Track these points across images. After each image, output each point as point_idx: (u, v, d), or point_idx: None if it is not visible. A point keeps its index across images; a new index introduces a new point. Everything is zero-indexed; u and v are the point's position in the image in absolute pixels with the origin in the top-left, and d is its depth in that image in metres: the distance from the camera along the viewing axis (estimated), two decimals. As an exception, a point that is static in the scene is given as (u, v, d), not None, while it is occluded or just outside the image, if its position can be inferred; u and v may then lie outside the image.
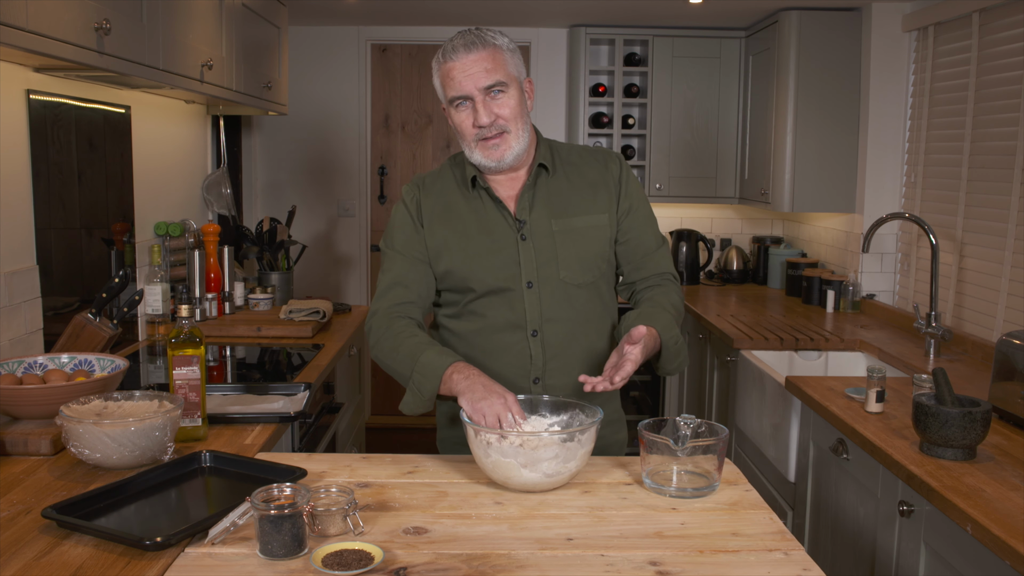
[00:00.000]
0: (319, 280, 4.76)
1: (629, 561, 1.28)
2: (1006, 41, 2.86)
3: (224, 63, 2.74)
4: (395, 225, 1.83)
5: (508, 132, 1.72)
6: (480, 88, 1.68)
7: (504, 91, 1.70)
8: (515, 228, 1.77)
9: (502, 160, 1.73)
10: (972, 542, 1.60)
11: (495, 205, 1.79)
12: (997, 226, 2.88)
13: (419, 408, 1.67)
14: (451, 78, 1.70)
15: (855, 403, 2.28)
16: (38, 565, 1.25)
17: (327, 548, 1.27)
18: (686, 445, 1.54)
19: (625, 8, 3.89)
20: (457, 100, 1.71)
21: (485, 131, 1.70)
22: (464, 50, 1.68)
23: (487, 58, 1.68)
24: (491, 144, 1.72)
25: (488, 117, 1.69)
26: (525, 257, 1.76)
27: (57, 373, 1.93)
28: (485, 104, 1.69)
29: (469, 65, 1.68)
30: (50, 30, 1.65)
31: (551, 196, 1.79)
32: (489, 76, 1.68)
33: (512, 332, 1.76)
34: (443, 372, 1.62)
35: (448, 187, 1.83)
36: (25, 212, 2.23)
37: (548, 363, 1.77)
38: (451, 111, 1.74)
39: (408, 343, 1.69)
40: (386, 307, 1.78)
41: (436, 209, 1.81)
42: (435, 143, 4.76)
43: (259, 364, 2.77)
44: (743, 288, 4.43)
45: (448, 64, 1.70)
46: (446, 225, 1.79)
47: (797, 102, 3.76)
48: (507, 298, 1.76)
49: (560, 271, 1.76)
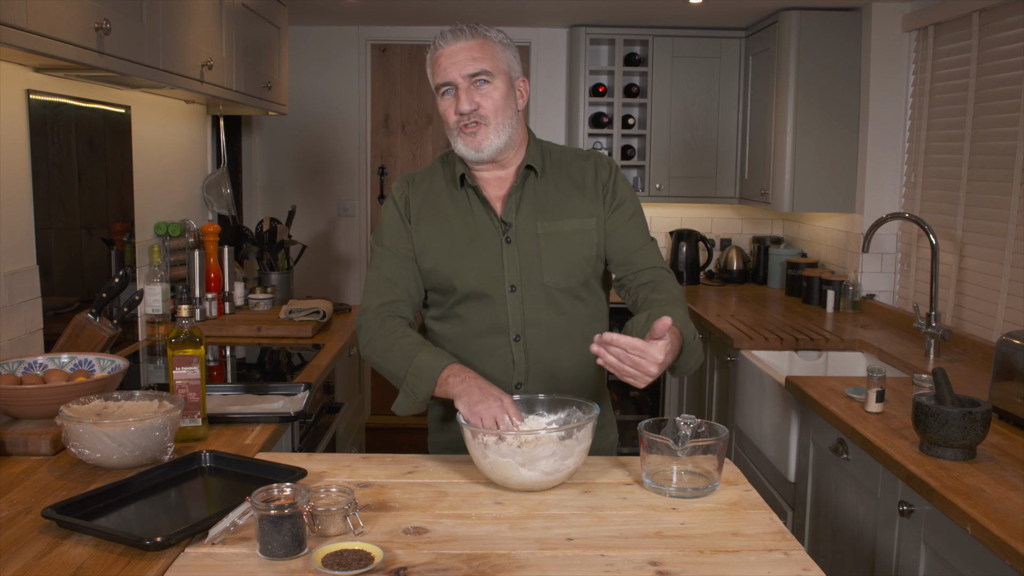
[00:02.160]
0: (319, 280, 4.76)
1: (629, 561, 1.28)
2: (1006, 41, 2.86)
3: (224, 63, 2.74)
4: (384, 222, 1.82)
5: (487, 124, 1.70)
6: (464, 75, 1.68)
7: (489, 82, 1.69)
8: (500, 230, 1.75)
9: (480, 149, 1.71)
10: (972, 542, 1.60)
11: (482, 205, 1.77)
12: (997, 226, 2.88)
13: (412, 409, 1.67)
14: (438, 65, 1.70)
15: (855, 403, 2.28)
16: (38, 565, 1.25)
17: (327, 548, 1.27)
18: (686, 445, 1.54)
19: (625, 8, 3.89)
20: (443, 87, 1.70)
21: (464, 119, 1.69)
22: (453, 37, 1.69)
23: (475, 47, 1.68)
24: (469, 132, 1.70)
25: (469, 105, 1.68)
26: (509, 260, 1.74)
27: (57, 373, 1.93)
28: (468, 92, 1.69)
29: (456, 52, 1.68)
30: (50, 30, 1.65)
31: (538, 198, 1.78)
32: (475, 64, 1.68)
33: (495, 336, 1.75)
34: (438, 374, 1.61)
35: (437, 184, 1.81)
36: (25, 212, 2.23)
37: (531, 368, 1.76)
38: (438, 101, 1.74)
39: (401, 343, 1.68)
40: (376, 305, 1.76)
41: (423, 206, 1.79)
42: (435, 143, 4.76)
43: (259, 364, 2.77)
44: (743, 288, 4.43)
45: (437, 52, 1.71)
46: (432, 223, 1.78)
47: (797, 102, 3.76)
48: (490, 301, 1.75)
49: (544, 275, 1.75)
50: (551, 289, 1.75)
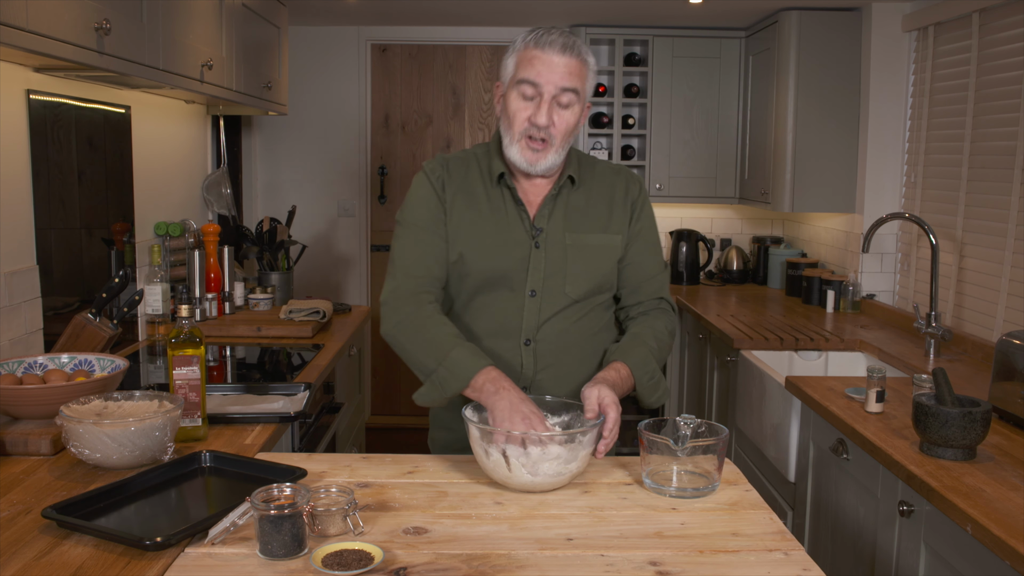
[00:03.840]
0: (319, 280, 4.76)
1: (629, 561, 1.28)
2: (1006, 41, 2.86)
3: (224, 63, 2.74)
4: (419, 200, 1.77)
5: (552, 144, 1.69)
6: (557, 87, 1.65)
7: (572, 105, 1.68)
8: (531, 235, 1.75)
9: (535, 165, 1.70)
10: (972, 542, 1.60)
11: (516, 206, 1.77)
12: (997, 226, 2.88)
13: (435, 403, 1.65)
14: (530, 62, 1.65)
15: (855, 403, 2.28)
16: (38, 565, 1.25)
17: (327, 548, 1.27)
18: (686, 445, 1.54)
19: (625, 8, 3.89)
20: (526, 84, 1.66)
21: (534, 131, 1.67)
22: (559, 49, 1.65)
23: (574, 67, 1.66)
24: (533, 146, 1.69)
25: (546, 119, 1.66)
26: (534, 265, 1.74)
27: (57, 373, 1.93)
28: (550, 106, 1.66)
29: (557, 63, 1.65)
30: (50, 30, 1.65)
31: (570, 209, 1.78)
32: (567, 79, 1.65)
33: (505, 338, 1.75)
34: (473, 375, 1.59)
35: (472, 176, 1.79)
36: (25, 212, 2.23)
37: (538, 374, 1.75)
38: (511, 94, 1.69)
39: (437, 333, 1.65)
40: (411, 286, 1.71)
41: (458, 193, 1.77)
42: (435, 143, 4.76)
43: (259, 364, 2.77)
44: (743, 288, 4.43)
45: (535, 51, 1.65)
46: (463, 213, 1.76)
47: (797, 102, 3.76)
48: (507, 301, 1.75)
49: (566, 284, 1.75)
50: (570, 299, 1.76)
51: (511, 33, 4.59)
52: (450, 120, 4.74)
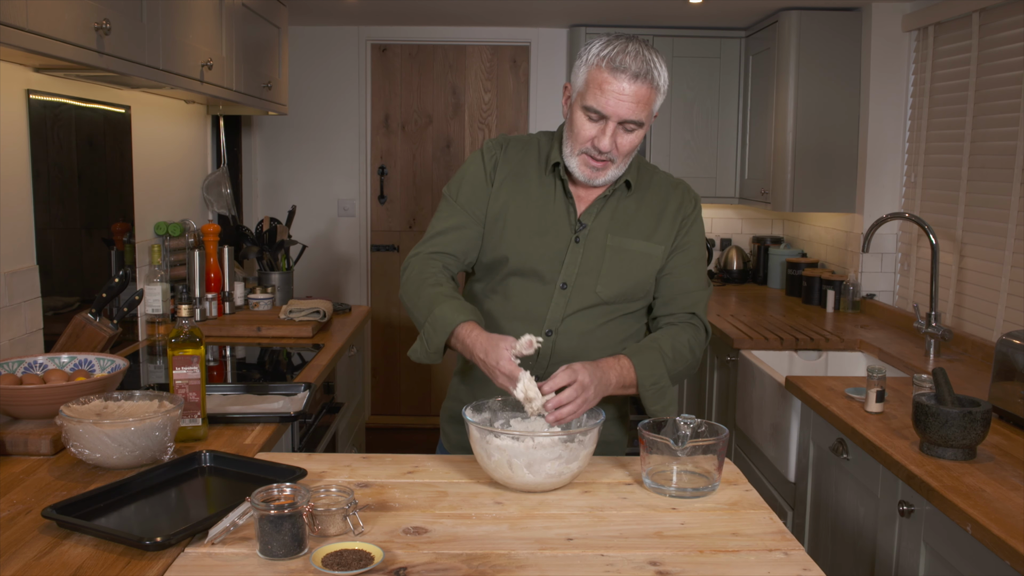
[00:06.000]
0: (319, 280, 4.76)
1: (629, 561, 1.28)
2: (1006, 41, 2.86)
3: (224, 63, 2.74)
4: (466, 176, 1.81)
5: (614, 163, 1.70)
6: (622, 118, 1.64)
7: (636, 130, 1.67)
8: (574, 228, 1.76)
9: (593, 180, 1.72)
10: (972, 542, 1.60)
11: (565, 198, 1.77)
12: (997, 226, 2.88)
13: (425, 358, 1.67)
14: (601, 90, 1.63)
15: (855, 403, 2.28)
16: (38, 565, 1.25)
17: (327, 548, 1.27)
18: (686, 445, 1.54)
19: (625, 8, 3.89)
20: (593, 112, 1.65)
21: (596, 152, 1.68)
22: (631, 77, 1.61)
23: (644, 94, 1.63)
24: (593, 165, 1.70)
25: (608, 145, 1.66)
26: (571, 259, 1.75)
27: (57, 373, 1.93)
28: (615, 134, 1.66)
29: (627, 94, 1.62)
30: (50, 30, 1.65)
31: (619, 212, 1.78)
32: (635, 112, 1.64)
33: (528, 325, 1.74)
34: (452, 328, 1.62)
35: (528, 159, 1.81)
36: (25, 212, 2.23)
37: (551, 368, 1.75)
38: (578, 111, 1.68)
39: (429, 291, 1.69)
40: (428, 251, 1.78)
41: (510, 174, 1.79)
42: (435, 143, 4.76)
43: (259, 364, 2.77)
44: (743, 288, 4.43)
45: (607, 75, 1.62)
46: (511, 195, 1.78)
47: (797, 102, 3.76)
48: (537, 288, 1.75)
49: (598, 284, 1.75)
50: (600, 299, 1.76)
51: (511, 33, 4.60)
52: (450, 120, 4.74)
